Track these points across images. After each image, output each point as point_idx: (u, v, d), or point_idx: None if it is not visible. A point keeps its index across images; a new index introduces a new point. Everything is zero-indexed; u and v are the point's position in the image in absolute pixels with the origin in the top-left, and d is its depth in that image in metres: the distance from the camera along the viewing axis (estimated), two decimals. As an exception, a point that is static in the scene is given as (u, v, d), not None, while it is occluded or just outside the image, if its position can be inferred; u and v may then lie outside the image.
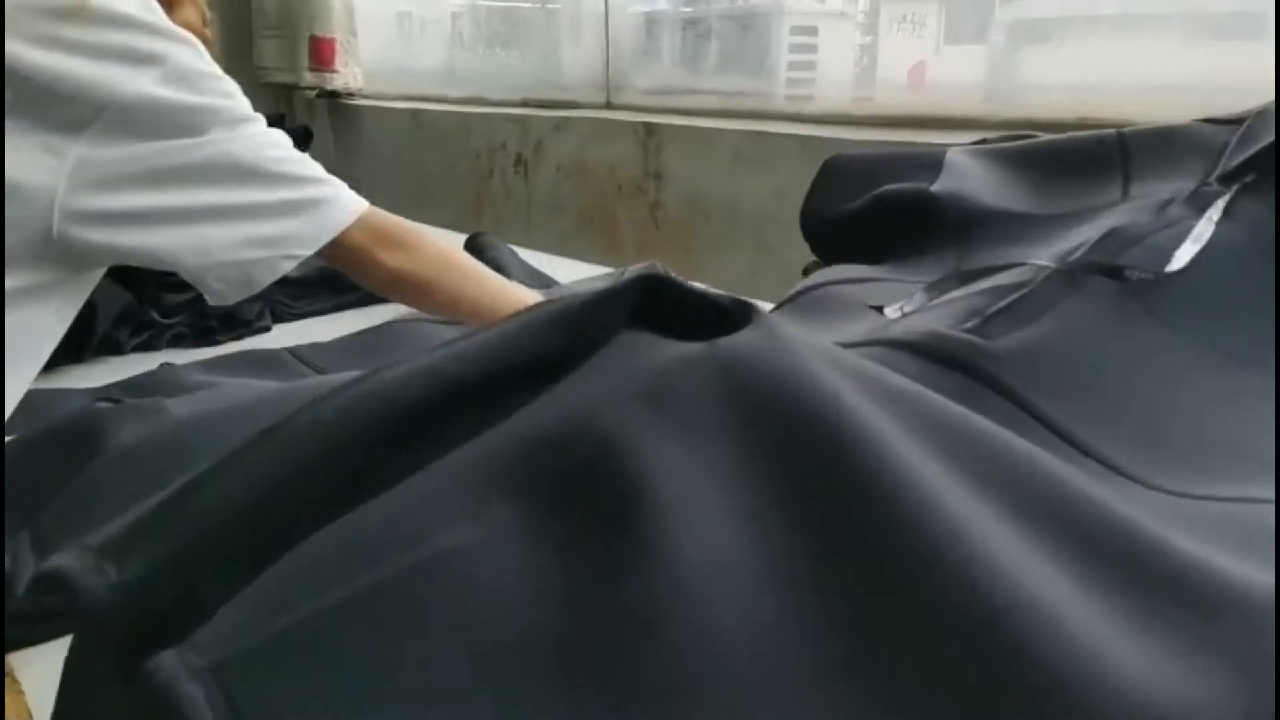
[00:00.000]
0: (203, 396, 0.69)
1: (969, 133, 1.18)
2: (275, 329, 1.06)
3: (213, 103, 0.64)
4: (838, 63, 1.79)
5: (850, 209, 0.70)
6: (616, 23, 1.71)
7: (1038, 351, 0.41)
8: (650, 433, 0.23)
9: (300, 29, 2.38)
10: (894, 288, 0.56)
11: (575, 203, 1.77)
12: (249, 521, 0.22)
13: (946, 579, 0.24)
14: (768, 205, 1.44)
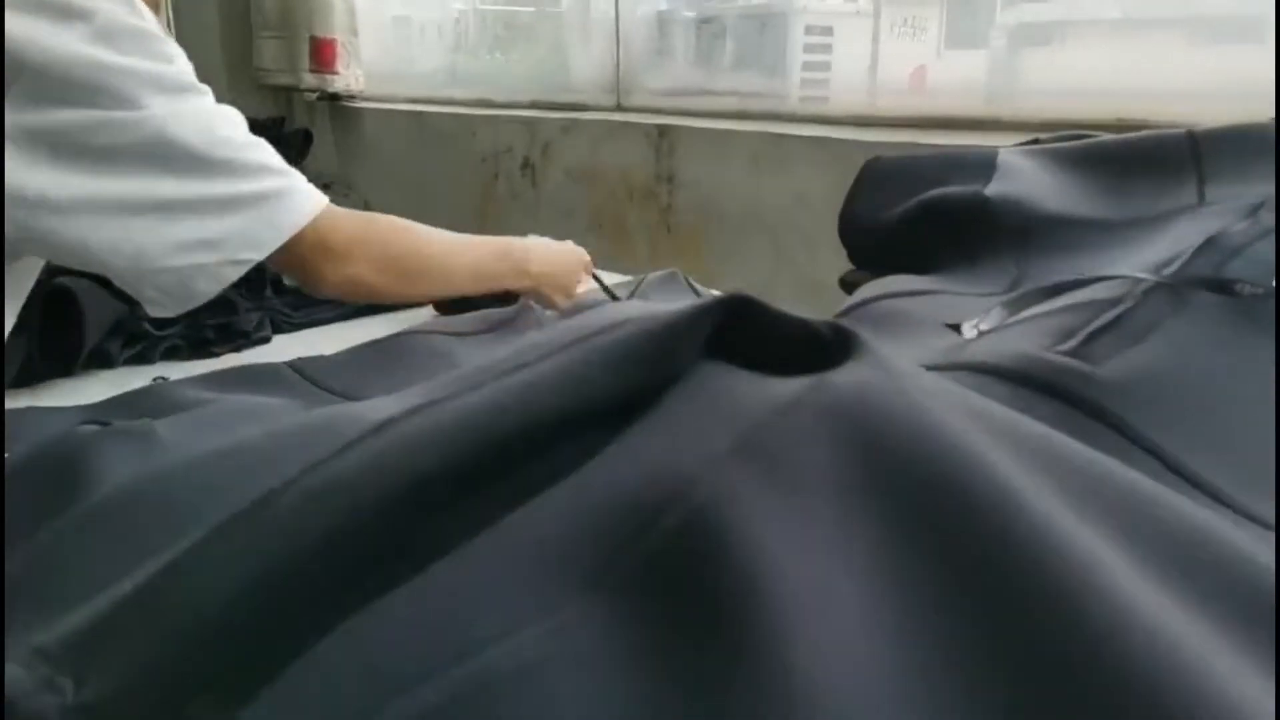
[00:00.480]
0: (197, 418, 0.63)
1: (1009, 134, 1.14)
2: (275, 340, 1.01)
3: (151, 67, 0.55)
4: (853, 63, 1.75)
5: (895, 215, 0.65)
6: (627, 22, 1.67)
7: (1146, 377, 0.36)
8: (754, 498, 0.18)
9: (300, 29, 2.33)
10: (959, 302, 0.51)
11: (584, 207, 1.73)
12: (244, 620, 0.17)
13: (1107, 658, 0.19)
14: (786, 210, 1.39)
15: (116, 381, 0.87)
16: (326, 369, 0.81)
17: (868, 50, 1.76)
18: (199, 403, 0.72)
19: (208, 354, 0.94)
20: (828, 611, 0.17)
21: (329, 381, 0.79)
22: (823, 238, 1.36)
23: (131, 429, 0.56)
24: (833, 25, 1.90)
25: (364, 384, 0.79)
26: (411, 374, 0.81)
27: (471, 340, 0.89)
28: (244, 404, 0.72)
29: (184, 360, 0.94)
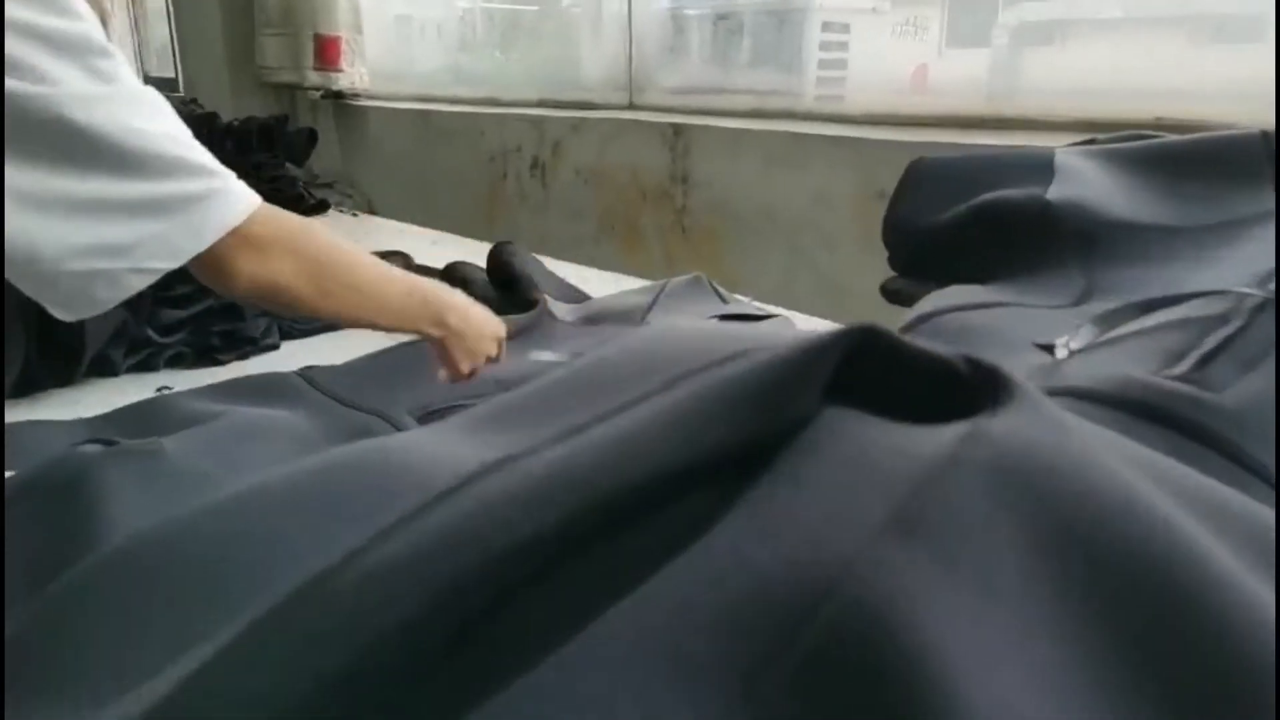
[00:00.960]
0: (207, 436, 0.60)
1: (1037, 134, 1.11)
2: (284, 346, 0.97)
3: (59, 26, 0.47)
4: (870, 61, 1.72)
5: (945, 219, 0.62)
6: (640, 19, 1.63)
7: (1265, 403, 0.33)
8: (922, 583, 0.15)
9: (304, 27, 2.29)
10: (1031, 315, 0.47)
11: (595, 208, 1.69)
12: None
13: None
14: (804, 210, 1.35)
15: (119, 391, 0.84)
16: (338, 379, 0.77)
17: (884, 48, 1.73)
18: (207, 416, 0.69)
19: (214, 362, 0.91)
20: (1019, 703, 0.14)
21: (341, 392, 0.75)
22: (843, 239, 1.32)
23: (139, 450, 0.53)
24: (850, 22, 1.87)
25: (378, 395, 0.75)
26: (429, 384, 0.77)
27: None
28: (254, 418, 0.68)
29: (189, 369, 0.90)
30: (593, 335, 0.88)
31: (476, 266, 1.05)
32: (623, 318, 0.93)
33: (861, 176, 1.28)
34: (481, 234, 1.76)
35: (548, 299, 0.95)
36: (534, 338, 0.89)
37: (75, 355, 0.80)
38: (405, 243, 1.51)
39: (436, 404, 0.72)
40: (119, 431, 0.68)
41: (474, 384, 0.77)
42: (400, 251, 1.13)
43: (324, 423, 0.71)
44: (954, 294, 0.51)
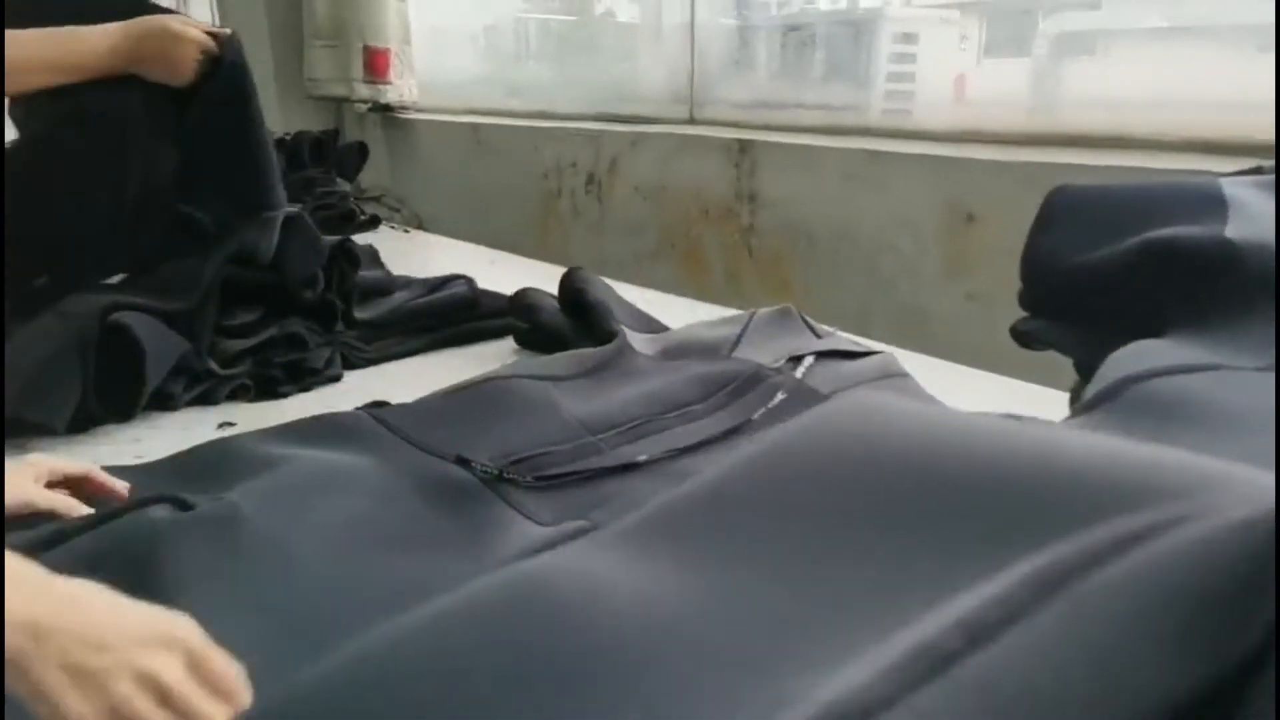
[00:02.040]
0: (284, 493, 0.55)
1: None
2: (346, 376, 0.92)
3: None
4: (939, 74, 1.66)
5: (1103, 257, 0.55)
6: (703, 31, 1.57)
7: None
8: None
9: (353, 39, 2.27)
10: (1245, 380, 0.40)
11: (654, 226, 1.63)
12: None
13: None
14: (883, 232, 1.28)
15: (181, 427, 0.79)
16: (411, 419, 0.72)
17: (954, 60, 1.66)
18: (276, 461, 0.64)
19: (275, 394, 0.86)
20: None
21: (415, 434, 0.70)
22: (925, 264, 1.25)
23: (214, 516, 0.48)
24: (919, 33, 1.80)
25: (454, 438, 0.70)
26: (508, 425, 0.72)
27: (569, 385, 0.80)
28: (327, 466, 0.63)
29: (250, 402, 0.85)
30: (678, 372, 0.82)
31: (546, 293, 1.00)
32: (707, 352, 0.86)
33: (946, 197, 1.21)
34: (533, 252, 1.72)
35: (625, 330, 0.89)
36: (613, 373, 0.84)
37: (135, 391, 0.76)
38: (460, 261, 1.46)
39: (520, 451, 0.67)
40: (184, 478, 0.64)
41: (558, 426, 0.72)
42: (464, 275, 1.08)
43: (399, 468, 0.65)
44: (1146, 353, 0.44)
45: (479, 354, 1.02)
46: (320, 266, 0.87)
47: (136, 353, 0.75)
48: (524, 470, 0.64)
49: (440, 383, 0.95)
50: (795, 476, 0.28)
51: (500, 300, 1.05)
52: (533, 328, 0.99)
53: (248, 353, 0.85)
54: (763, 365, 0.80)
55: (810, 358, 0.81)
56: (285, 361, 0.86)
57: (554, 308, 0.98)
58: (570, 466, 0.65)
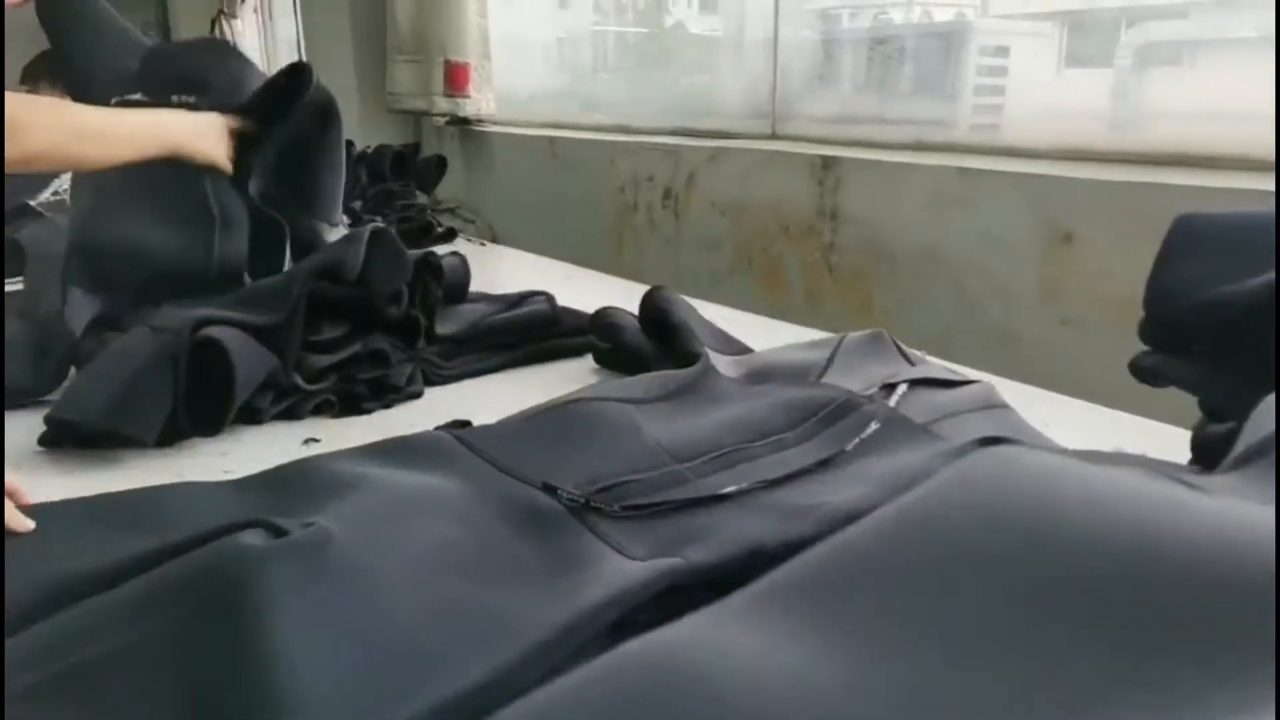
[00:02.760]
0: (370, 518, 0.54)
1: None
2: (426, 393, 0.92)
3: None
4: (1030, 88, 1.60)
5: (1244, 292, 0.50)
6: (786, 44, 1.54)
7: None
8: None
9: (434, 53, 2.30)
10: None
11: (732, 242, 1.61)
12: None
13: None
14: (973, 253, 1.23)
15: (266, 442, 0.80)
16: (495, 441, 0.70)
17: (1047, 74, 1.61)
18: (361, 481, 0.63)
19: (358, 410, 0.86)
20: None
21: (500, 457, 0.68)
22: (1017, 286, 1.20)
23: (306, 544, 0.47)
24: (1010, 45, 1.74)
25: (539, 462, 0.68)
26: (592, 450, 0.70)
27: (652, 408, 0.78)
28: (413, 489, 0.62)
29: (333, 417, 0.86)
30: (764, 397, 0.79)
31: (627, 312, 0.98)
32: (794, 376, 0.83)
33: (1042, 218, 1.16)
34: (608, 265, 1.71)
35: (710, 352, 0.86)
36: (697, 396, 0.81)
37: (224, 406, 0.76)
38: (535, 275, 1.46)
39: (606, 478, 0.65)
40: (271, 497, 0.64)
41: (643, 452, 0.70)
42: (544, 292, 1.07)
43: (483, 492, 0.64)
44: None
45: (558, 372, 1.01)
46: (406, 282, 0.87)
47: (226, 367, 0.75)
48: (610, 499, 0.62)
49: (519, 401, 0.94)
50: (944, 544, 0.25)
51: (580, 318, 1.04)
52: (613, 347, 0.97)
53: (332, 368, 0.85)
54: (854, 393, 0.77)
55: (904, 385, 0.77)
56: (369, 378, 0.86)
57: (635, 327, 0.96)
58: (657, 497, 0.63)
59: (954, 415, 0.74)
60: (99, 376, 0.77)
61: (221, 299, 0.88)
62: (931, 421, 0.73)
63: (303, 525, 0.52)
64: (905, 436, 0.72)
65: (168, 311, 0.81)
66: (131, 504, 0.61)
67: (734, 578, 0.54)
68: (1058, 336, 1.16)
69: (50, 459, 0.76)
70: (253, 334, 0.80)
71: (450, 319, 0.98)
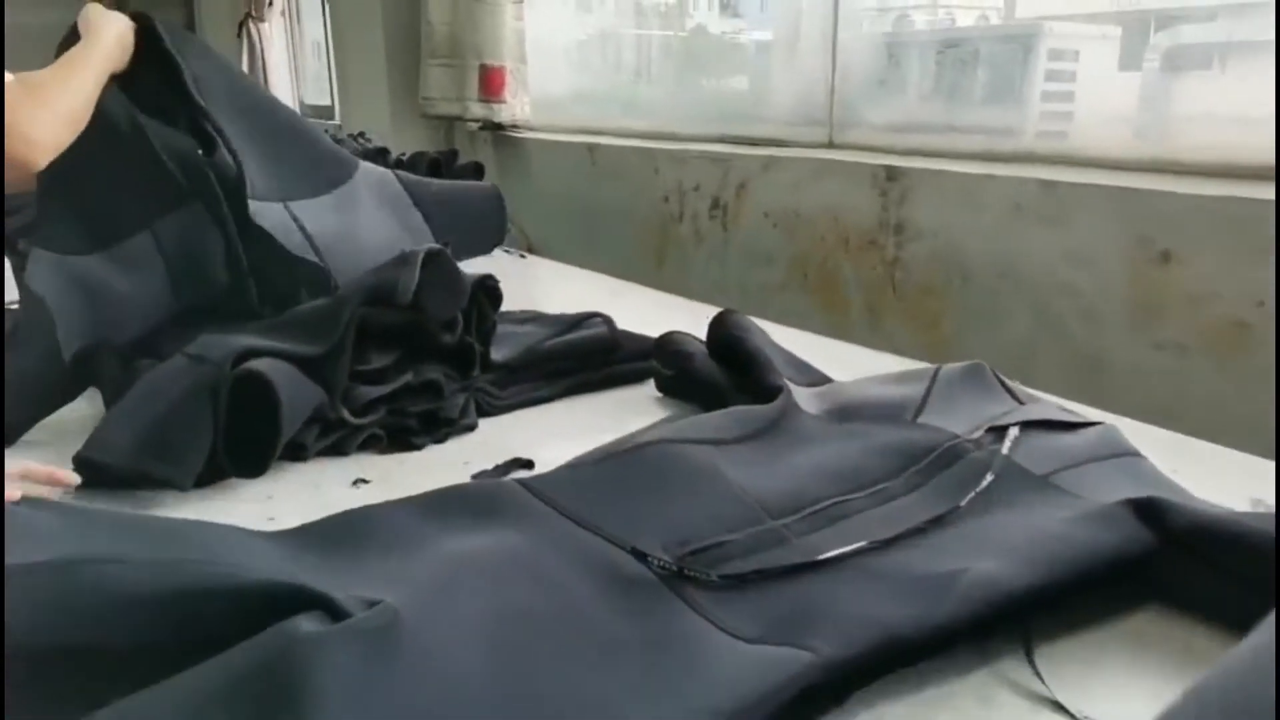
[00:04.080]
0: (438, 592, 0.47)
1: None
2: (481, 425, 0.85)
3: None
4: (1096, 95, 1.52)
5: None
6: (846, 46, 1.47)
7: None
8: None
9: (469, 58, 2.25)
10: None
11: (785, 255, 1.53)
12: None
13: None
14: (1056, 271, 1.15)
15: (312, 481, 0.73)
16: (569, 492, 0.63)
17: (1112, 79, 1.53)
18: (426, 542, 0.56)
19: (409, 444, 0.79)
20: None
21: (574, 508, 0.61)
22: (1107, 308, 1.12)
23: (371, 630, 0.40)
24: (1079, 49, 1.66)
25: (618, 515, 0.61)
26: (677, 502, 0.63)
27: (733, 450, 0.70)
28: (483, 555, 0.55)
29: (382, 453, 0.79)
30: (856, 439, 0.72)
31: (694, 338, 0.91)
32: (886, 414, 0.76)
33: (1135, 234, 1.07)
34: (648, 277, 1.64)
35: (790, 385, 0.79)
36: (782, 436, 0.74)
37: (268, 445, 0.70)
38: (580, 290, 1.39)
39: (695, 537, 0.58)
40: (320, 552, 0.57)
41: (732, 505, 0.63)
42: (600, 313, 1.00)
43: (561, 552, 0.57)
44: None
45: (618, 401, 0.94)
46: (462, 308, 0.80)
47: (271, 403, 0.69)
48: (704, 564, 0.55)
49: (579, 433, 0.87)
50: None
51: (641, 342, 0.97)
52: (679, 375, 0.90)
53: (381, 400, 0.78)
54: (959, 436, 0.70)
55: (1015, 429, 0.70)
56: (420, 411, 0.80)
57: (704, 354, 0.89)
58: (757, 561, 0.56)
59: (1077, 465, 0.66)
60: (131, 412, 0.71)
61: (262, 324, 0.82)
62: (1052, 472, 0.66)
63: (361, 600, 0.45)
64: (1026, 490, 0.65)
65: (206, 339, 0.75)
66: (168, 531, 0.54)
67: (870, 668, 0.47)
68: (1151, 362, 1.07)
69: (78, 500, 0.69)
70: (298, 364, 0.74)
71: (502, 343, 0.91)
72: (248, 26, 4.34)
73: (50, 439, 0.82)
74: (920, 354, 1.14)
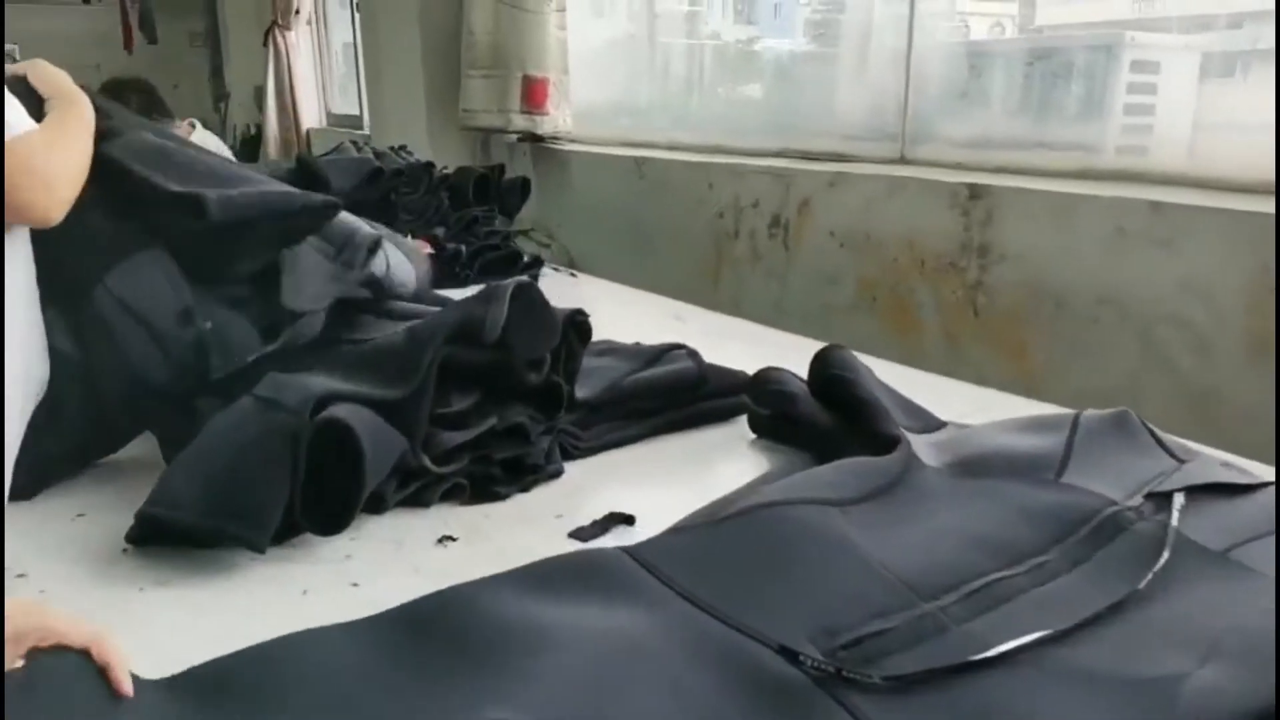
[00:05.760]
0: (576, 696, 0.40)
1: None
2: (567, 469, 0.79)
3: None
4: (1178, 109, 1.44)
5: None
6: (922, 56, 1.39)
7: None
8: None
9: (513, 68, 2.19)
10: None
11: (852, 276, 1.46)
12: None
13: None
14: (1167, 300, 1.07)
15: (392, 539, 0.67)
16: (683, 565, 0.57)
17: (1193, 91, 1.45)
18: (531, 632, 0.50)
19: (493, 494, 0.73)
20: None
21: (696, 588, 0.55)
22: (1222, 339, 1.04)
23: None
24: (1160, 60, 1.58)
25: (745, 593, 0.54)
26: (806, 575, 0.56)
27: (858, 512, 0.63)
28: (609, 649, 0.49)
29: (465, 503, 0.73)
30: (991, 498, 0.65)
31: (795, 376, 0.84)
32: (1019, 470, 0.68)
33: (1256, 261, 1.00)
34: (701, 297, 1.57)
35: (909, 435, 0.72)
36: (908, 495, 0.67)
37: (349, 501, 0.64)
38: (639, 313, 1.32)
39: (844, 628, 0.51)
40: (416, 648, 0.50)
41: (874, 582, 0.56)
42: (684, 345, 0.93)
43: (690, 644, 0.50)
44: None
45: (708, 441, 0.87)
46: (553, 346, 0.73)
47: (355, 454, 0.62)
48: (861, 660, 0.48)
49: (671, 479, 0.80)
50: None
51: (729, 377, 0.90)
52: (777, 416, 0.83)
53: (464, 447, 0.72)
54: (1117, 502, 0.62)
55: (1180, 495, 0.62)
56: (506, 458, 0.73)
57: (807, 394, 0.82)
58: (923, 659, 0.48)
59: (1258, 537, 0.58)
60: (198, 462, 0.64)
61: (335, 359, 0.75)
62: (1231, 547, 0.58)
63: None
64: (1206, 569, 0.57)
65: (277, 378, 0.68)
66: (235, 677, 0.46)
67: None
68: (1271, 399, 0.99)
69: (139, 561, 0.63)
70: (377, 409, 0.67)
71: (583, 380, 0.84)
72: (274, 36, 4.32)
73: (105, 479, 0.77)
74: (1005, 383, 1.07)
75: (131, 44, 5.32)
